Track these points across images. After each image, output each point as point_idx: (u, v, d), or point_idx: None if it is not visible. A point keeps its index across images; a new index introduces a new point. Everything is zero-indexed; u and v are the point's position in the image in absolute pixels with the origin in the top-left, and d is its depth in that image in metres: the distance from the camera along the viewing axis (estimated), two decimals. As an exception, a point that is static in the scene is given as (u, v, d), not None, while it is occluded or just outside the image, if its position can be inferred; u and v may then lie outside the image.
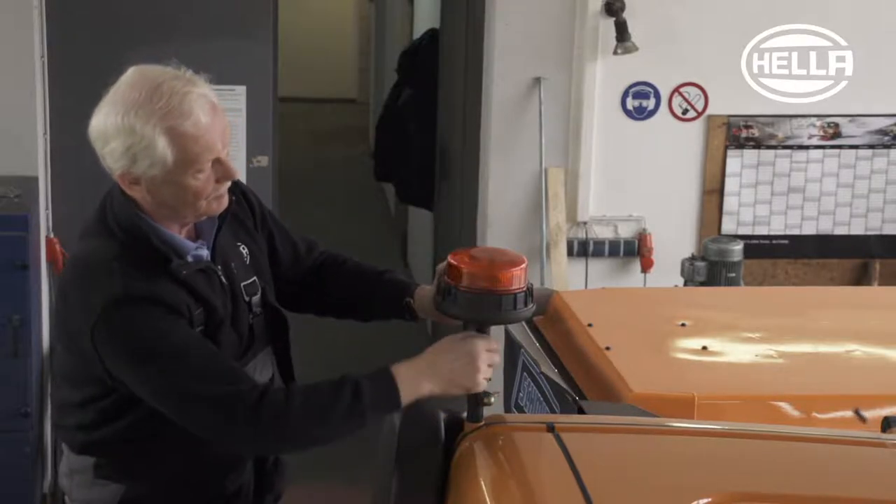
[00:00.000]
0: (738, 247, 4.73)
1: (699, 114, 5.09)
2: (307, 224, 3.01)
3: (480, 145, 5.18)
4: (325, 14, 13.65)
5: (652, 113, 5.07)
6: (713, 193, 5.16)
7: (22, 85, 4.73)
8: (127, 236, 2.48)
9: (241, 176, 3.14)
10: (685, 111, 5.09)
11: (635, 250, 5.14)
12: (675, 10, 5.00)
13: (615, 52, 4.91)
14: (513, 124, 5.03)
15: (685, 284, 4.73)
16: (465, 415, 2.50)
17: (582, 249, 5.10)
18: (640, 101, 5.06)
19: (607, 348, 3.27)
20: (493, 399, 2.52)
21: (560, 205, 5.03)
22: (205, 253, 2.56)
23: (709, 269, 4.69)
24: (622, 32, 4.88)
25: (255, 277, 2.66)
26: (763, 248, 5.21)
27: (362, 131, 11.76)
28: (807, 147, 5.16)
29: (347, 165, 10.97)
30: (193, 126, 2.43)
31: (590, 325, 3.44)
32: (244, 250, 2.67)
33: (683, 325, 3.49)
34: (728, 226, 5.18)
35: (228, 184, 2.54)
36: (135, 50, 4.88)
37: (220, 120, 2.48)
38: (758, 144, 5.13)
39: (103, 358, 2.42)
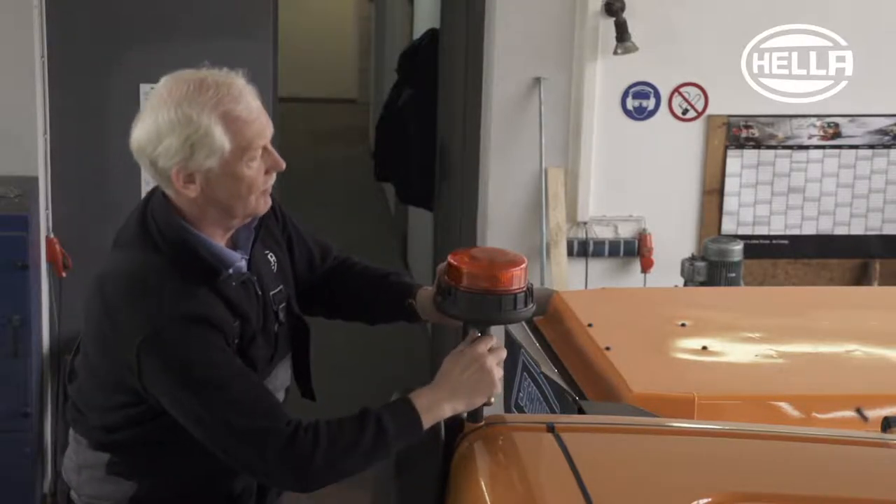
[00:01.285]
0: (738, 247, 4.73)
1: (699, 114, 5.09)
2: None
3: (480, 145, 5.18)
4: (325, 14, 13.65)
5: (652, 113, 5.07)
6: (713, 193, 5.16)
7: (22, 85, 4.73)
8: (173, 250, 2.46)
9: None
10: (685, 111, 5.09)
11: (635, 250, 5.13)
12: (675, 10, 4.99)
13: (615, 52, 4.91)
14: (513, 124, 5.02)
15: (685, 284, 4.73)
16: (465, 415, 2.51)
17: (582, 249, 5.10)
18: (640, 101, 5.06)
19: (607, 348, 3.26)
20: (493, 399, 2.52)
21: (560, 205, 5.03)
22: (244, 264, 2.56)
23: (709, 269, 4.69)
24: (622, 32, 4.88)
25: (281, 286, 2.66)
26: (763, 248, 5.20)
27: (362, 131, 11.75)
28: (807, 147, 5.15)
29: (347, 165, 10.97)
30: (246, 110, 2.45)
31: (590, 325, 3.44)
32: (272, 258, 2.67)
33: (683, 325, 3.49)
34: (728, 226, 5.18)
35: (274, 177, 2.54)
36: (135, 50, 4.91)
37: (263, 108, 2.50)
38: (758, 144, 5.13)
39: (144, 375, 2.41)
